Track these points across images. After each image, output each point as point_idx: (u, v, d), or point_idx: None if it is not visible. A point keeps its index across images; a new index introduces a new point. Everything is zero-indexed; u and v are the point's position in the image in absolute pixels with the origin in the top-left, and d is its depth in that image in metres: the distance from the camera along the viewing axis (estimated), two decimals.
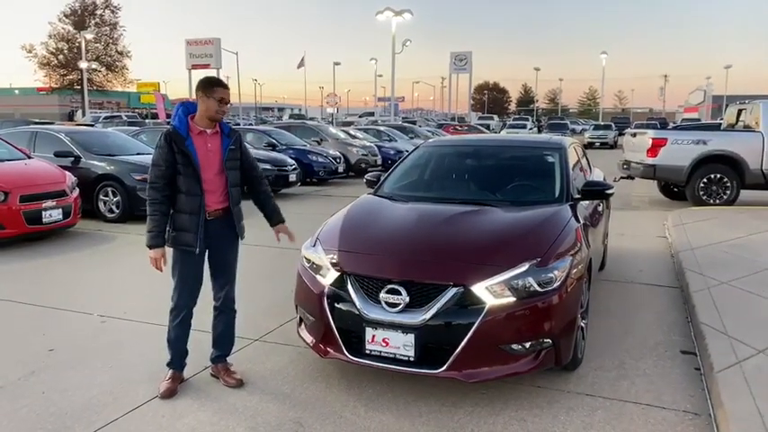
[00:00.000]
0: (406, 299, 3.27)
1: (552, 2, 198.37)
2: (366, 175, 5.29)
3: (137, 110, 53.37)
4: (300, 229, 3.86)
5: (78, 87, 49.23)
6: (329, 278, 3.56)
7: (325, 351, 3.56)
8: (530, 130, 39.00)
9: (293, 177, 13.03)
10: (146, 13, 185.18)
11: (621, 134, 28.72)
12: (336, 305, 3.47)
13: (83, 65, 44.96)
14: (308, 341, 3.72)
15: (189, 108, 3.47)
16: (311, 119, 45.11)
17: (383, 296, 3.32)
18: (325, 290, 3.53)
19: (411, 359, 3.27)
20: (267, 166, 12.14)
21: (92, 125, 23.66)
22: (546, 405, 3.38)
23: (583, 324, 3.86)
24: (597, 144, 33.71)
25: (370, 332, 3.33)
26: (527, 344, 3.30)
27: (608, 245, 6.52)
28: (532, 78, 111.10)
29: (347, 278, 3.49)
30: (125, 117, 37.82)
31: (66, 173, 8.33)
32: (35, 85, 56.44)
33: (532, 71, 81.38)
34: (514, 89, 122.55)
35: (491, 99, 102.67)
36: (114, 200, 9.25)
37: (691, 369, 3.88)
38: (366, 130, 21.83)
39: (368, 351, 3.36)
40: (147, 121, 35.31)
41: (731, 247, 6.82)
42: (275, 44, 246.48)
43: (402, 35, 57.34)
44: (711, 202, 10.74)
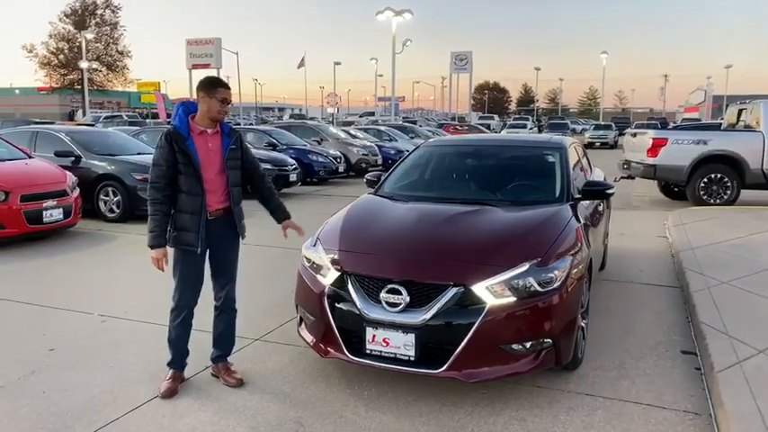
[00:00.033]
0: (407, 299, 3.27)
1: (552, 2, 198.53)
2: (366, 175, 5.29)
3: (137, 110, 53.45)
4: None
5: (79, 87, 49.23)
6: (330, 278, 3.56)
7: (325, 351, 3.56)
8: (530, 129, 39.02)
9: (294, 177, 13.04)
10: (146, 12, 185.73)
11: (622, 134, 28.75)
12: (337, 305, 3.47)
13: (83, 64, 44.95)
14: (308, 341, 3.72)
15: (189, 108, 3.47)
16: (312, 119, 45.15)
17: (383, 296, 3.32)
18: (326, 289, 3.53)
19: (411, 359, 3.28)
20: (268, 166, 12.13)
21: (92, 125, 23.71)
22: (546, 405, 3.38)
23: (583, 324, 3.86)
24: (597, 144, 33.67)
25: (370, 332, 3.33)
26: (527, 344, 3.30)
27: (608, 245, 6.52)
28: (533, 78, 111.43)
29: (348, 278, 3.49)
30: (125, 117, 37.88)
31: (67, 172, 8.34)
32: (36, 84, 56.54)
33: (533, 71, 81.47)
34: (515, 89, 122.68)
35: (491, 99, 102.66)
36: (115, 199, 9.25)
37: (691, 369, 3.88)
38: (366, 130, 21.82)
39: (368, 351, 3.36)
40: (148, 120, 35.35)
41: (731, 247, 6.82)
42: (275, 44, 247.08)
43: (402, 35, 57.41)
44: (712, 201, 10.73)
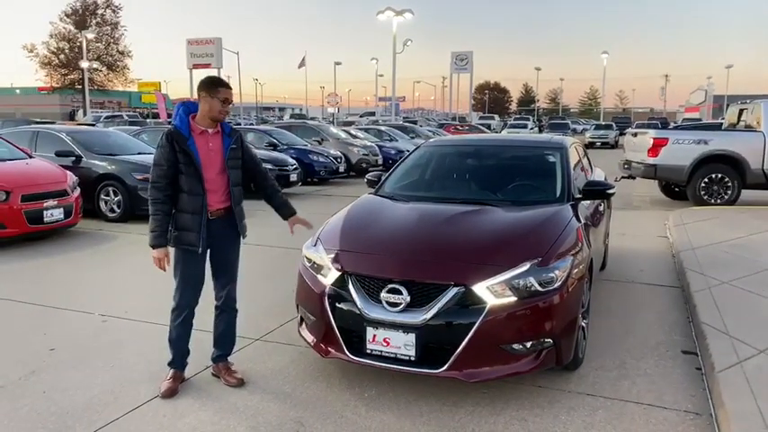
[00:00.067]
0: (407, 298, 3.27)
1: (552, 2, 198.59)
2: (367, 175, 5.29)
3: (138, 109, 53.55)
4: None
5: (79, 87, 49.24)
6: (330, 278, 3.56)
7: (326, 351, 3.56)
8: (531, 129, 39.00)
9: (294, 177, 13.05)
10: (146, 12, 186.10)
11: (622, 134, 28.69)
12: (337, 305, 3.47)
13: (84, 64, 44.95)
14: (308, 341, 3.72)
15: (190, 108, 3.47)
16: (312, 118, 45.11)
17: (384, 296, 3.32)
18: (327, 289, 3.53)
19: (412, 359, 3.27)
20: (268, 166, 11.85)
21: (93, 125, 23.69)
22: (547, 405, 3.38)
23: (584, 324, 3.86)
24: (598, 144, 33.68)
25: (371, 332, 3.33)
26: (528, 343, 3.29)
27: (609, 244, 6.52)
28: (533, 78, 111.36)
29: (348, 278, 3.49)
30: (126, 117, 37.92)
31: (68, 172, 8.34)
32: (36, 84, 56.58)
33: (533, 71, 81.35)
34: (515, 89, 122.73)
35: (492, 99, 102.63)
36: (115, 199, 9.26)
37: (692, 369, 3.88)
38: (367, 130, 21.81)
39: (369, 351, 3.36)
40: (149, 120, 35.39)
41: (732, 247, 6.82)
42: (276, 44, 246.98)
43: (403, 35, 57.48)
44: (712, 201, 10.73)
